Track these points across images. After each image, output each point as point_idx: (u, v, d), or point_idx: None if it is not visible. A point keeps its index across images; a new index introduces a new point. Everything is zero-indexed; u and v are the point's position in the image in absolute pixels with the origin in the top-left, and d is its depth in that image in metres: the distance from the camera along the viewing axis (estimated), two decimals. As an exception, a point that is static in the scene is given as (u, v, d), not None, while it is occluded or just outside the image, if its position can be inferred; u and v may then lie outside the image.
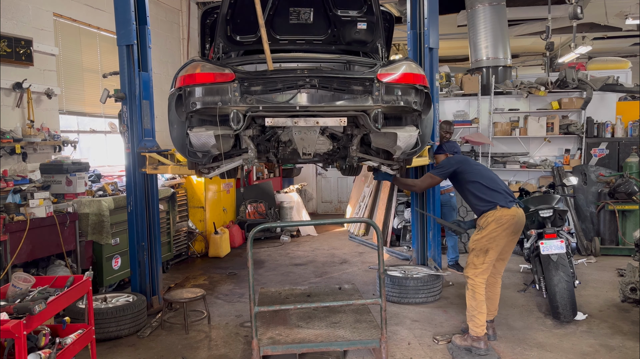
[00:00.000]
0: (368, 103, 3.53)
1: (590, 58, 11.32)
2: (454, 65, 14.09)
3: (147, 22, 4.97)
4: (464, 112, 8.84)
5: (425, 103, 3.68)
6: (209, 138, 3.54)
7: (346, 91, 3.54)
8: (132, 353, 4.18)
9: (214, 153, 3.74)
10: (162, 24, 8.12)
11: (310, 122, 3.55)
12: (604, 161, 8.06)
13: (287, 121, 3.54)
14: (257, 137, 3.87)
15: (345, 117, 3.57)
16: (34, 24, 5.51)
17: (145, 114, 4.93)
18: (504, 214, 3.99)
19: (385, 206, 8.17)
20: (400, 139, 3.64)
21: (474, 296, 4.03)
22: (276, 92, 3.50)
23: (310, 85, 3.47)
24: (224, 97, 3.44)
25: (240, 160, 3.89)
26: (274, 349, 3.66)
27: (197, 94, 3.46)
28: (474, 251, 4.08)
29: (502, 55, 8.89)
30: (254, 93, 3.48)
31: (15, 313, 2.82)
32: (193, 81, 3.44)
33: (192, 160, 3.94)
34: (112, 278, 5.50)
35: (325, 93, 3.54)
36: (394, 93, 3.56)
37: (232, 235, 8.07)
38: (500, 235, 3.99)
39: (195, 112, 3.51)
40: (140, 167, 4.88)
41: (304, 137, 3.69)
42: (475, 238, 4.09)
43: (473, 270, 4.06)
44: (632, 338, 4.26)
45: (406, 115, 3.81)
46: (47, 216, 4.66)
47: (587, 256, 6.99)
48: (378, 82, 3.53)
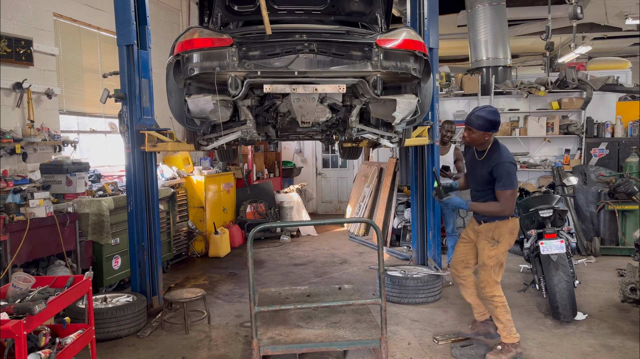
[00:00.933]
0: (367, 69, 3.50)
1: (590, 58, 11.32)
2: (454, 65, 14.09)
3: (147, 22, 4.98)
4: (464, 112, 8.83)
5: (424, 71, 3.66)
6: (207, 104, 3.53)
7: (345, 56, 3.51)
8: (132, 353, 4.18)
9: (212, 120, 3.70)
10: (162, 24, 8.11)
11: (309, 88, 3.52)
12: (603, 161, 8.06)
13: (285, 88, 3.51)
14: (255, 107, 3.85)
15: (344, 84, 3.54)
16: (34, 24, 5.51)
17: (144, 92, 4.94)
18: (516, 224, 3.84)
19: (385, 206, 8.17)
20: (400, 105, 3.62)
21: (506, 310, 3.86)
22: (274, 56, 3.46)
23: (309, 50, 3.43)
24: (222, 62, 3.41)
25: (239, 132, 3.85)
26: (274, 349, 3.66)
27: (195, 60, 3.43)
28: (493, 268, 3.82)
29: (502, 55, 8.89)
30: (252, 58, 3.44)
31: (15, 313, 2.82)
32: (191, 46, 3.42)
33: (190, 128, 3.92)
34: (112, 278, 5.50)
35: (324, 59, 3.49)
36: (394, 59, 3.53)
37: (232, 235, 8.07)
38: (512, 245, 3.88)
39: (194, 79, 3.49)
40: (139, 145, 4.87)
41: (303, 104, 3.66)
42: (492, 253, 3.81)
43: (497, 286, 3.86)
44: (632, 338, 4.26)
45: (405, 84, 3.80)
46: (47, 216, 4.66)
47: (587, 256, 6.99)
48: (377, 48, 3.50)
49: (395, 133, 4.14)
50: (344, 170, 11.92)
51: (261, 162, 10.36)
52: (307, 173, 11.80)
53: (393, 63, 3.53)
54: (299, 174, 11.54)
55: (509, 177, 3.63)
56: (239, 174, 9.07)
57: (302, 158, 11.92)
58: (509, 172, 3.64)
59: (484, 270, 3.86)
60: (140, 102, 4.87)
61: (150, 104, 5.07)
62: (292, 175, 11.34)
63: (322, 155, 12.00)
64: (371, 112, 3.84)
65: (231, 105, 3.73)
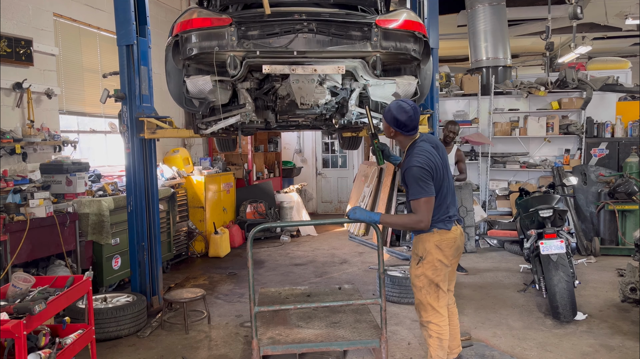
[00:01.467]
0: (367, 49, 3.49)
1: (590, 58, 11.31)
2: (454, 65, 14.08)
3: (147, 22, 4.98)
4: (464, 112, 8.84)
5: (424, 53, 3.65)
6: (205, 84, 3.52)
7: (344, 36, 3.49)
8: (132, 353, 4.18)
9: (211, 100, 3.69)
10: (162, 24, 8.11)
11: (308, 69, 3.51)
12: (603, 161, 8.06)
13: (284, 68, 3.50)
14: (254, 90, 3.85)
15: (343, 65, 3.53)
16: (34, 24, 5.51)
17: (143, 80, 4.95)
18: (445, 238, 3.22)
19: (385, 206, 8.17)
20: (399, 86, 3.62)
21: (441, 344, 3.25)
22: (273, 36, 3.44)
23: (308, 30, 3.41)
24: (221, 41, 3.39)
25: (238, 116, 3.84)
26: (274, 349, 3.66)
27: (194, 40, 3.42)
28: (423, 289, 3.25)
29: (502, 55, 8.89)
30: (251, 38, 3.43)
31: (15, 313, 2.82)
32: (190, 26, 3.40)
33: (189, 109, 3.90)
34: (112, 278, 5.50)
35: (323, 38, 3.48)
36: (393, 40, 3.51)
37: (232, 235, 8.07)
38: (444, 262, 3.23)
39: (192, 59, 3.48)
40: (138, 132, 4.88)
41: (302, 86, 3.65)
42: (418, 272, 3.26)
43: (433, 312, 3.24)
44: (632, 338, 4.26)
45: (405, 66, 3.79)
46: (47, 216, 4.66)
47: (587, 256, 6.99)
48: (377, 28, 3.48)
49: None
50: (344, 170, 11.92)
51: (261, 162, 10.36)
52: (307, 173, 11.80)
53: (392, 43, 3.52)
54: (299, 174, 11.55)
55: (417, 184, 3.06)
56: (239, 174, 9.07)
57: (302, 158, 11.92)
58: (416, 177, 3.07)
59: (415, 291, 3.33)
60: (140, 89, 4.87)
61: (150, 93, 5.09)
62: (292, 175, 11.34)
63: (322, 155, 12.00)
64: (370, 94, 3.83)
65: (230, 87, 3.73)
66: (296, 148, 11.89)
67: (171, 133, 4.93)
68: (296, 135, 11.85)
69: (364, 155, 11.45)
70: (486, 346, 4.13)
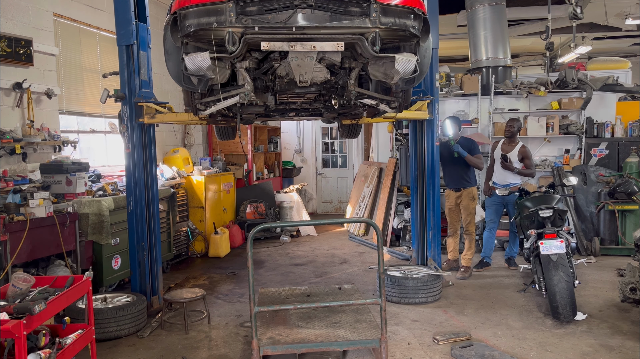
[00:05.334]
0: (366, 25, 3.48)
1: (590, 58, 11.31)
2: (454, 65, 14.09)
3: (147, 22, 4.98)
4: (464, 112, 8.83)
5: (423, 30, 3.65)
6: (204, 61, 3.51)
7: (343, 12, 3.49)
8: (132, 353, 4.18)
9: (210, 77, 3.68)
10: (162, 24, 8.11)
11: (307, 46, 3.52)
12: (603, 161, 8.06)
13: (283, 45, 3.51)
14: (253, 70, 3.87)
15: (342, 42, 3.53)
16: (34, 24, 5.51)
17: (143, 65, 4.95)
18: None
19: (385, 206, 8.17)
20: (399, 62, 3.60)
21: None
22: (272, 11, 3.44)
23: (306, 5, 3.41)
24: (219, 17, 3.38)
25: (237, 96, 3.85)
26: (274, 349, 3.66)
27: (192, 16, 3.42)
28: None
29: (502, 55, 8.88)
30: (250, 14, 3.43)
31: (15, 313, 2.82)
32: (188, 2, 3.41)
33: (187, 88, 3.89)
34: (112, 278, 5.50)
35: (322, 14, 3.47)
36: (392, 16, 3.51)
37: (232, 235, 8.07)
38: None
39: (191, 36, 3.49)
40: (137, 117, 4.88)
41: (301, 63, 3.65)
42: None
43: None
44: (632, 338, 4.26)
45: (404, 44, 3.79)
46: (47, 216, 4.66)
47: (587, 256, 6.99)
48: (375, 4, 3.48)
49: (394, 97, 4.11)
50: (344, 170, 11.92)
51: (261, 162, 10.36)
52: (307, 173, 11.80)
53: (392, 19, 3.51)
54: (299, 174, 11.55)
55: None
56: (239, 174, 9.07)
57: (302, 158, 11.93)
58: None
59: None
60: (139, 74, 4.87)
61: (149, 77, 5.09)
62: (292, 175, 11.34)
63: (322, 155, 12.01)
64: (370, 73, 3.84)
65: (229, 67, 3.74)
66: (296, 148, 11.89)
67: (170, 118, 4.92)
68: (296, 135, 11.86)
69: (364, 155, 11.45)
70: (486, 346, 4.13)
